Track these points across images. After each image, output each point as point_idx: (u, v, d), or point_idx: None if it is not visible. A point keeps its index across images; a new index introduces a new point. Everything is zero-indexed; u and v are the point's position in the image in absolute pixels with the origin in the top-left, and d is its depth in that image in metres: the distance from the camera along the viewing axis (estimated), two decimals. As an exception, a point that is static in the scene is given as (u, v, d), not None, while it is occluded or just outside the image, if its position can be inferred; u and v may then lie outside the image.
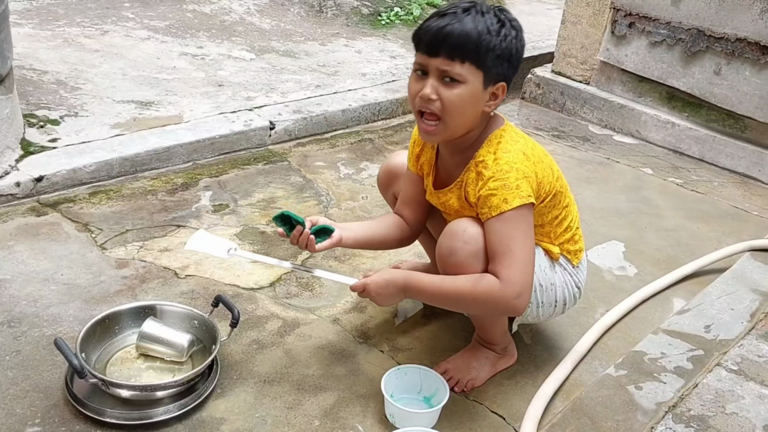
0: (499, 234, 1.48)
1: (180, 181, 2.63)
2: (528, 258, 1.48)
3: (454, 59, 1.43)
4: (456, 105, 1.46)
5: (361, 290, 1.58)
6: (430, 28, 1.44)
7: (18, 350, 1.70)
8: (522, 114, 3.83)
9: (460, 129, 1.52)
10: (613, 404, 1.65)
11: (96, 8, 4.25)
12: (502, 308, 1.51)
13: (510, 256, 1.46)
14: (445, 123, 1.48)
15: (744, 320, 2.00)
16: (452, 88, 1.45)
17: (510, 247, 1.46)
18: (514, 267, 1.45)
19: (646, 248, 2.52)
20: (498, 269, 1.46)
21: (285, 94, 3.36)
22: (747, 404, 1.67)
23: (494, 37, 1.43)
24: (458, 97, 1.45)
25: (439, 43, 1.42)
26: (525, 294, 1.46)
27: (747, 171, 3.24)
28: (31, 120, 2.72)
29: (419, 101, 1.48)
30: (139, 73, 3.39)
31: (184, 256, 2.16)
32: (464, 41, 1.41)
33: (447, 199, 1.65)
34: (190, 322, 1.75)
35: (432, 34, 1.43)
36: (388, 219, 1.81)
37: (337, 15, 4.78)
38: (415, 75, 1.50)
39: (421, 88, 1.47)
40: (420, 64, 1.47)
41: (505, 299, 1.45)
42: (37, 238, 2.16)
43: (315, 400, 1.65)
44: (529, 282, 1.47)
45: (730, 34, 3.17)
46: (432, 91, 1.45)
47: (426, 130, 1.51)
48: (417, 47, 1.48)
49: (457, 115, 1.48)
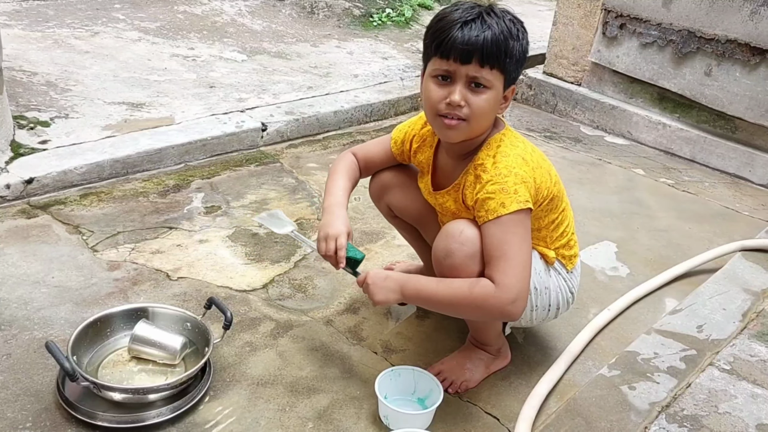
0: (495, 238, 1.47)
1: (172, 182, 2.61)
2: (524, 263, 1.47)
3: (484, 66, 1.43)
4: (483, 109, 1.46)
5: (362, 281, 1.57)
6: (461, 37, 1.41)
7: (8, 353, 1.69)
8: (514, 115, 3.84)
9: (479, 131, 1.53)
10: (607, 404, 1.65)
11: (86, 9, 4.23)
12: (497, 313, 1.49)
13: (506, 261, 1.45)
14: (469, 125, 1.48)
15: (736, 320, 2.01)
16: (480, 93, 1.45)
17: (506, 251, 1.45)
18: (509, 272, 1.44)
19: (639, 249, 2.52)
20: (494, 274, 1.45)
21: (277, 95, 3.35)
22: (740, 404, 1.68)
23: (516, 42, 1.45)
24: (486, 102, 1.46)
25: (473, 52, 1.41)
26: (520, 300, 1.44)
27: (737, 171, 3.26)
28: (21, 122, 2.70)
29: (445, 107, 1.46)
30: (130, 75, 3.37)
31: (176, 258, 2.14)
32: (496, 48, 1.41)
33: (444, 201, 1.65)
34: (182, 324, 1.74)
35: (464, 42, 1.41)
36: (351, 169, 1.79)
37: (329, 16, 4.77)
38: (435, 80, 1.48)
39: (446, 94, 1.46)
40: (446, 71, 1.46)
41: (500, 304, 1.44)
42: (27, 241, 2.14)
43: (308, 402, 1.65)
44: (525, 287, 1.46)
45: (721, 35, 3.18)
46: (461, 97, 1.44)
47: (449, 126, 1.48)
48: (441, 54, 1.45)
49: (482, 119, 1.49)
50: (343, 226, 1.61)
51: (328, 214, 1.65)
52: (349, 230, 1.63)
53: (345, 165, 1.78)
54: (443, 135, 1.55)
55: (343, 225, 1.62)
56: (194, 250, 2.20)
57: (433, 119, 1.52)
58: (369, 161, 1.82)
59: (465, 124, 1.48)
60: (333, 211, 1.65)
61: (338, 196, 1.69)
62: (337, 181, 1.73)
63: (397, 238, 2.32)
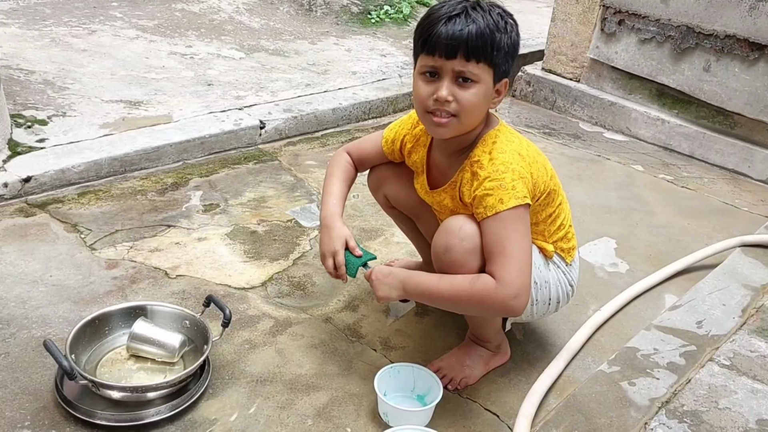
0: (495, 234, 1.46)
1: (170, 180, 2.61)
2: (525, 258, 1.47)
3: (470, 60, 1.42)
4: (472, 104, 1.46)
5: (369, 276, 1.59)
6: (446, 32, 1.41)
7: (7, 352, 1.68)
8: (513, 112, 3.83)
9: (470, 126, 1.52)
10: (607, 400, 1.65)
11: (83, 8, 4.22)
12: (499, 309, 1.49)
13: (506, 257, 1.44)
14: (459, 120, 1.48)
15: (736, 315, 2.00)
16: (467, 88, 1.45)
17: (506, 247, 1.45)
18: (510, 267, 1.44)
19: (638, 245, 2.52)
20: (494, 270, 1.45)
21: (275, 93, 3.35)
22: (740, 399, 1.68)
23: (503, 35, 1.44)
24: (474, 96, 1.45)
25: (457, 46, 1.41)
26: (522, 295, 1.44)
27: (737, 167, 3.26)
28: (19, 120, 2.69)
29: (433, 103, 1.46)
30: (127, 73, 3.36)
31: (174, 256, 2.14)
32: (481, 42, 1.41)
33: (441, 199, 1.65)
34: (181, 322, 1.74)
35: (449, 37, 1.41)
36: (346, 170, 1.81)
37: (327, 13, 4.76)
38: (423, 77, 1.48)
39: (433, 90, 1.46)
40: (432, 67, 1.45)
41: (502, 300, 1.43)
42: (25, 239, 2.14)
43: (308, 400, 1.64)
44: (526, 282, 1.45)
45: (719, 30, 3.18)
46: (449, 92, 1.44)
47: (439, 123, 1.48)
48: (427, 50, 1.45)
49: (472, 114, 1.48)
50: (338, 239, 1.64)
51: (324, 228, 1.69)
52: (347, 236, 1.65)
53: (340, 167, 1.81)
54: (434, 132, 1.55)
55: (338, 238, 1.65)
56: (193, 248, 2.20)
57: (423, 116, 1.52)
58: (363, 158, 1.85)
59: (455, 119, 1.47)
60: (328, 223, 1.68)
61: (332, 205, 1.72)
62: (332, 186, 1.76)
63: (396, 235, 2.31)
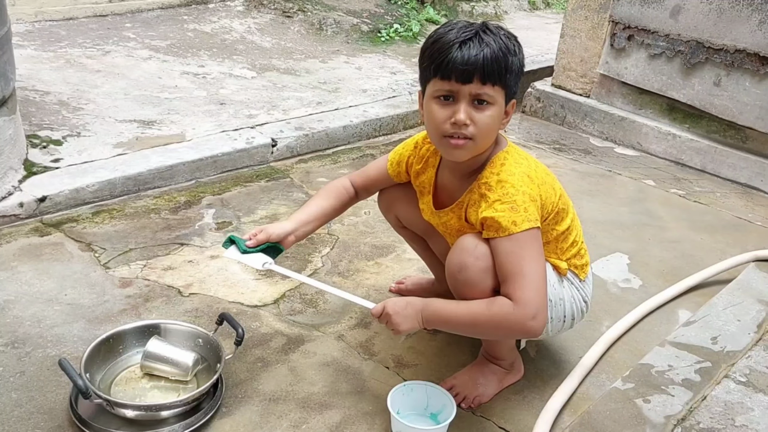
0: (509, 256, 1.46)
1: (183, 199, 2.63)
2: (540, 278, 1.46)
3: (485, 83, 1.43)
4: (488, 125, 1.47)
5: (380, 312, 1.54)
6: (461, 57, 1.41)
7: (22, 371, 1.69)
8: (523, 128, 3.84)
9: (483, 147, 1.53)
10: (622, 418, 1.63)
11: (98, 29, 4.28)
12: (518, 331, 1.48)
13: (522, 278, 1.44)
14: (475, 142, 1.49)
15: (751, 331, 1.99)
16: (483, 110, 1.46)
17: (521, 267, 1.45)
18: (526, 288, 1.43)
19: (651, 260, 2.51)
20: (510, 291, 1.44)
21: (286, 111, 3.37)
22: (757, 416, 1.66)
23: (514, 57, 1.46)
24: (490, 118, 1.47)
25: (473, 71, 1.42)
26: (540, 315, 1.43)
27: (749, 181, 3.24)
28: (34, 140, 2.73)
29: (451, 127, 1.47)
30: (141, 93, 3.40)
31: (187, 274, 2.15)
32: (496, 65, 1.42)
33: (448, 219, 1.65)
34: (194, 340, 1.74)
35: (464, 62, 1.41)
36: (336, 192, 1.84)
37: (337, 32, 4.80)
38: (437, 101, 1.48)
39: (450, 114, 1.46)
40: (448, 91, 1.46)
41: (521, 321, 1.42)
42: (40, 259, 2.16)
43: (321, 418, 1.64)
44: (543, 302, 1.45)
45: (729, 45, 3.18)
46: (466, 116, 1.45)
47: (456, 145, 1.48)
48: (441, 75, 1.45)
49: (488, 136, 1.50)
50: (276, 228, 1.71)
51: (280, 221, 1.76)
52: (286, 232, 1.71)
53: (328, 187, 1.87)
54: (450, 155, 1.54)
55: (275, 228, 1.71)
56: (206, 266, 2.21)
57: (439, 140, 1.52)
58: (369, 183, 1.87)
59: (471, 142, 1.48)
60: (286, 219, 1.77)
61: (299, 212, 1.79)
62: (312, 199, 1.84)
63: (407, 251, 2.32)
